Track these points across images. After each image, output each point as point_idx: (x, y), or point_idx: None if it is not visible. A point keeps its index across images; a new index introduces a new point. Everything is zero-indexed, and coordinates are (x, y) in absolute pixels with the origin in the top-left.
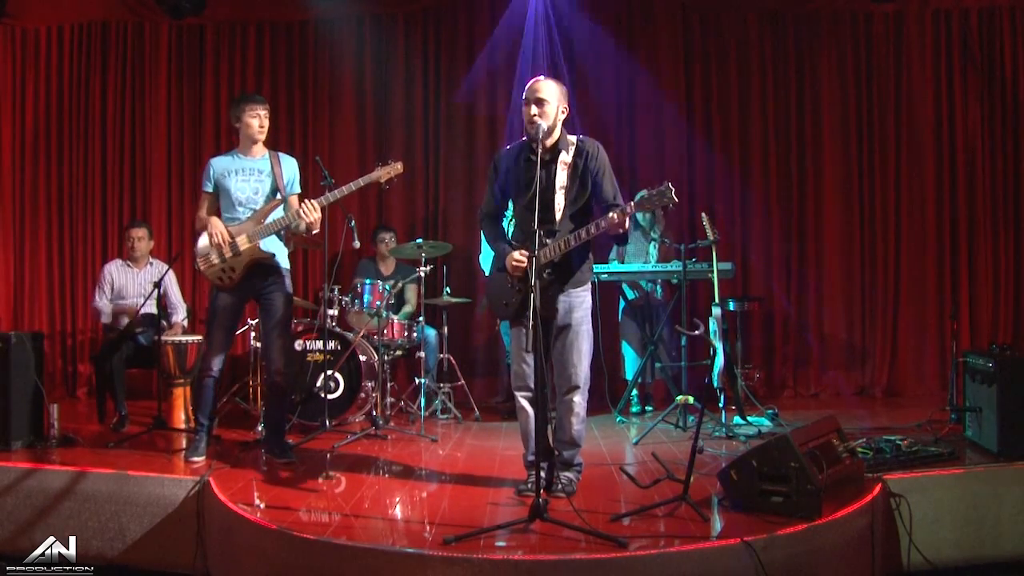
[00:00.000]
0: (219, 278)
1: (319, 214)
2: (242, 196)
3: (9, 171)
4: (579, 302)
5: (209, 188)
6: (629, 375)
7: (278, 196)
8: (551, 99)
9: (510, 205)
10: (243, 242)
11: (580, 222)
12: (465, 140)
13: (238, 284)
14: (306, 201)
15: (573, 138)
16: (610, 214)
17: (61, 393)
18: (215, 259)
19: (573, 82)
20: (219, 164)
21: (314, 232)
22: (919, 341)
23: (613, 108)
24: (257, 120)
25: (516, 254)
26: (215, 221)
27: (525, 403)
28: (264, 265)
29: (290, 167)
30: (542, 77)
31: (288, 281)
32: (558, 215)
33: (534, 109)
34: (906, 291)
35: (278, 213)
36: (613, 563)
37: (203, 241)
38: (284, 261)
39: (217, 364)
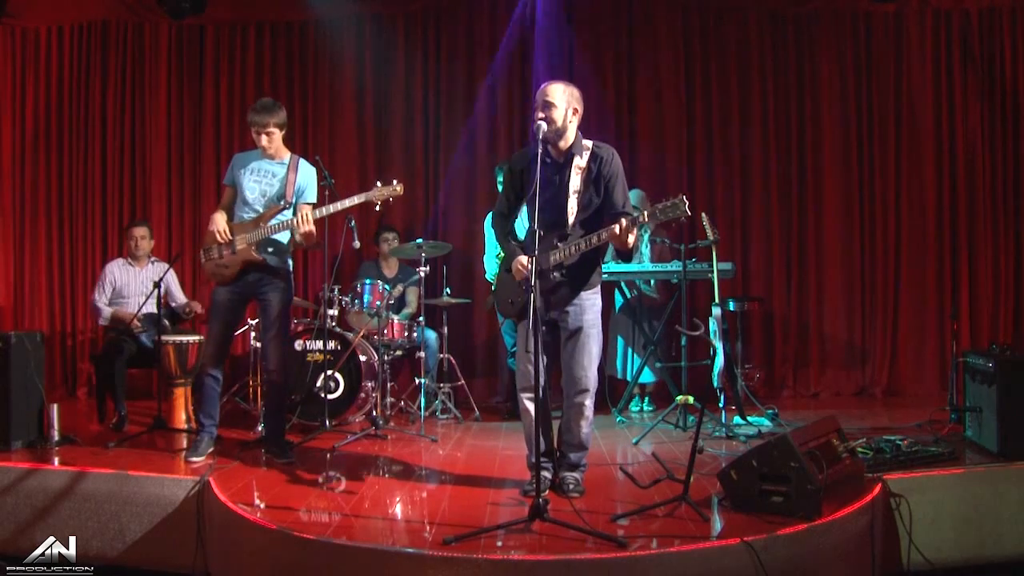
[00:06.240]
0: (214, 273)
1: (312, 227)
2: (250, 196)
3: (9, 171)
4: (589, 304)
5: (227, 181)
6: (618, 371)
7: (282, 203)
8: (558, 103)
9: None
10: (240, 242)
11: (592, 227)
12: (465, 140)
13: (234, 281)
14: (303, 209)
15: (588, 143)
16: (619, 223)
17: (61, 393)
18: (215, 254)
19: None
20: (240, 159)
21: (308, 245)
22: (919, 341)
23: (613, 108)
24: (263, 138)
25: (523, 259)
26: (217, 217)
27: (530, 405)
28: (260, 266)
29: (305, 176)
30: (552, 81)
31: (288, 283)
32: (570, 219)
33: (540, 112)
34: (906, 291)
35: (282, 218)
36: (613, 563)
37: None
38: (283, 263)
39: (213, 359)
